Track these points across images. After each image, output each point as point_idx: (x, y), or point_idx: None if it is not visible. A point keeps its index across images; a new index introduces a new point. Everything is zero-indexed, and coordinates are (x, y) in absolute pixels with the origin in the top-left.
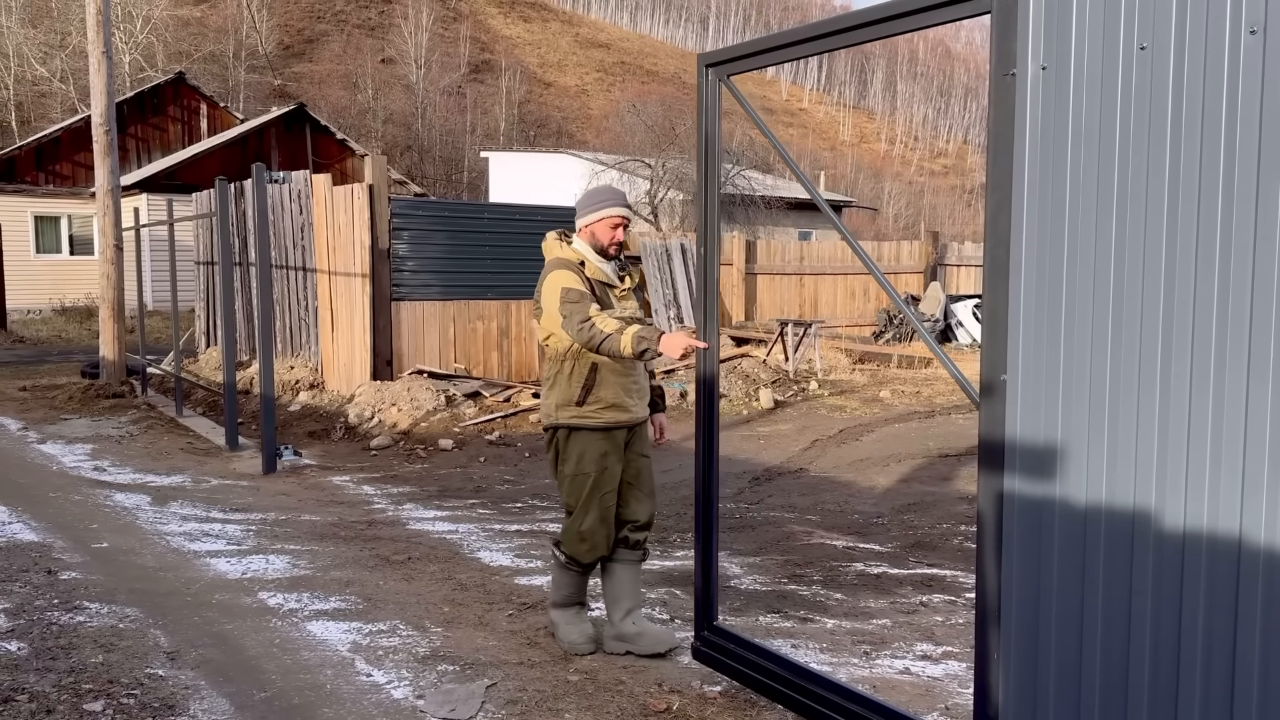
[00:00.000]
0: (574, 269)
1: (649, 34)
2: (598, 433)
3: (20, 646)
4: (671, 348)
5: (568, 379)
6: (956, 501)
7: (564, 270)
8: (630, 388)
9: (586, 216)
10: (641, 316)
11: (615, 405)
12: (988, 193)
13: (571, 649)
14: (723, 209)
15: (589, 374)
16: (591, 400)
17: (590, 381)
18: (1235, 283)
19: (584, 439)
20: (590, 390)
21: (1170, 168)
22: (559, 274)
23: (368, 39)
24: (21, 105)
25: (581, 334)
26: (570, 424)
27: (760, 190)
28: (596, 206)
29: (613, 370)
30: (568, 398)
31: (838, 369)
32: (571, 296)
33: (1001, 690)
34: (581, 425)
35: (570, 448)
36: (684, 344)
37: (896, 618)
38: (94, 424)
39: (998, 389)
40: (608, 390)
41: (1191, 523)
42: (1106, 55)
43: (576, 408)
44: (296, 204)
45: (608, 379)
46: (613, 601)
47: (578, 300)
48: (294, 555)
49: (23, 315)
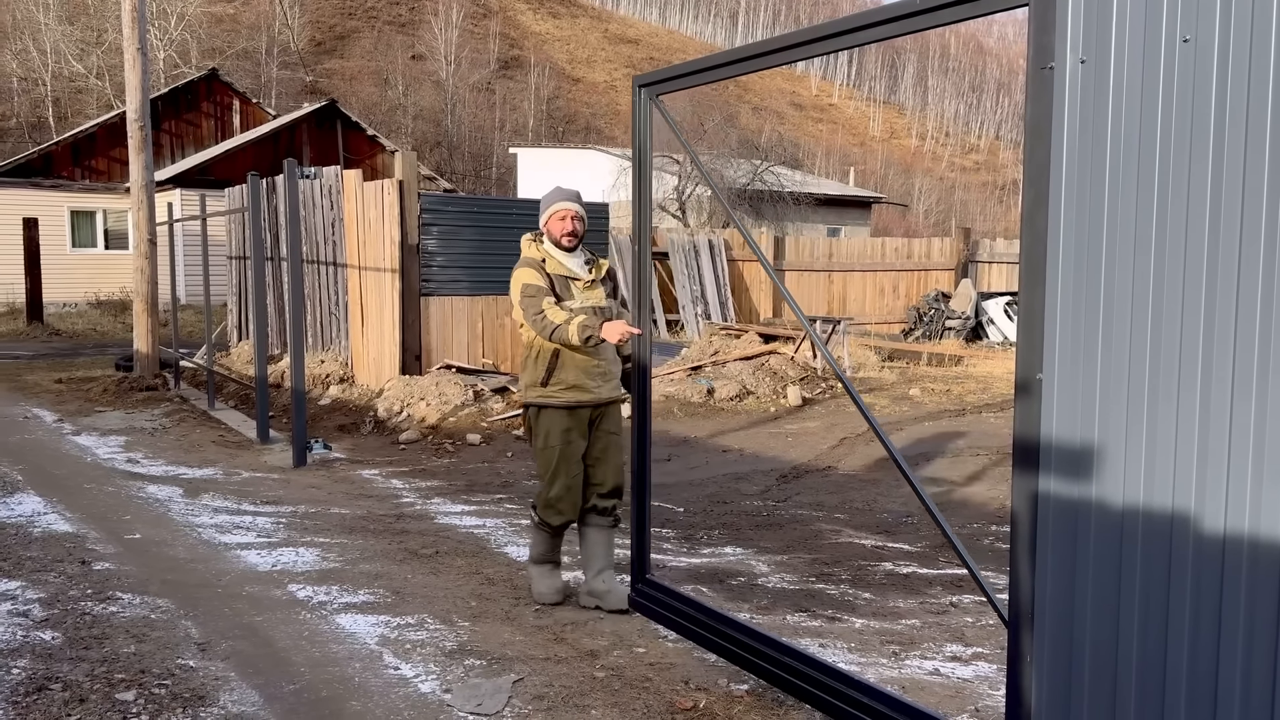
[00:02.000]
0: (536, 266)
1: (678, 29)
2: (561, 410)
3: (54, 636)
4: (610, 333)
5: (534, 362)
6: (987, 501)
7: (526, 268)
8: (593, 371)
9: (542, 216)
10: (605, 306)
11: (576, 386)
12: (1024, 188)
13: (539, 599)
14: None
15: (551, 358)
16: (554, 382)
17: (553, 365)
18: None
19: (550, 416)
20: (552, 373)
21: (1213, 164)
22: (522, 271)
23: (398, 35)
24: (59, 101)
25: (536, 324)
26: (538, 402)
27: (789, 186)
28: (547, 205)
29: (574, 355)
30: (534, 379)
31: (867, 366)
32: (529, 291)
33: (1034, 693)
34: (547, 403)
35: (539, 424)
36: (621, 330)
37: (926, 618)
38: (127, 416)
39: (1033, 388)
40: (569, 373)
41: (1233, 524)
42: (1148, 48)
43: (541, 388)
44: (327, 199)
45: (569, 363)
46: (586, 561)
47: (534, 295)
48: (323, 548)
49: (59, 309)
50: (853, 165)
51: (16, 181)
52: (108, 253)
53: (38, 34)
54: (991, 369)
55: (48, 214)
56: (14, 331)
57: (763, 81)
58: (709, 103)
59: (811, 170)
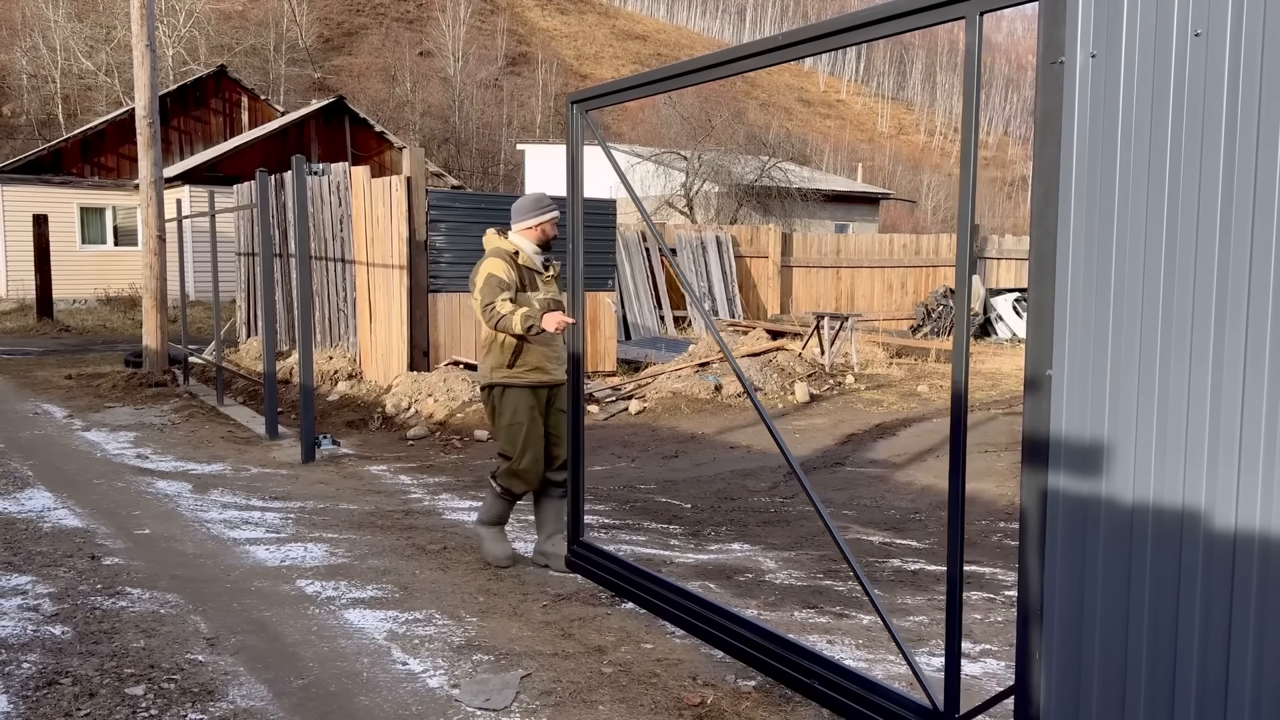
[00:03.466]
0: (507, 258)
1: (686, 26)
2: (526, 389)
3: (64, 630)
4: (549, 323)
5: (500, 347)
6: (996, 498)
7: (496, 259)
8: (550, 355)
9: (538, 217)
10: (560, 300)
11: (538, 368)
12: (1034, 184)
13: (495, 561)
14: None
15: (517, 343)
16: (519, 364)
17: (519, 349)
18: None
19: (516, 395)
20: (518, 356)
21: (1225, 158)
22: (491, 261)
23: (406, 32)
24: (68, 98)
25: (487, 314)
26: (503, 383)
27: (797, 182)
28: (547, 209)
29: (536, 341)
30: (500, 362)
31: (874, 363)
32: (491, 283)
33: (1043, 690)
34: (512, 384)
35: (505, 403)
36: (558, 320)
37: (933, 615)
38: (137, 412)
39: (1043, 384)
40: (532, 356)
41: (1243, 522)
42: (1159, 42)
43: (508, 369)
44: (335, 196)
45: (532, 347)
46: (540, 525)
47: (495, 287)
48: (332, 544)
49: (69, 305)
50: (860, 161)
51: (26, 178)
52: (117, 249)
53: (47, 31)
54: (1000, 365)
55: (57, 211)
56: (24, 328)
57: (770, 77)
58: (716, 98)
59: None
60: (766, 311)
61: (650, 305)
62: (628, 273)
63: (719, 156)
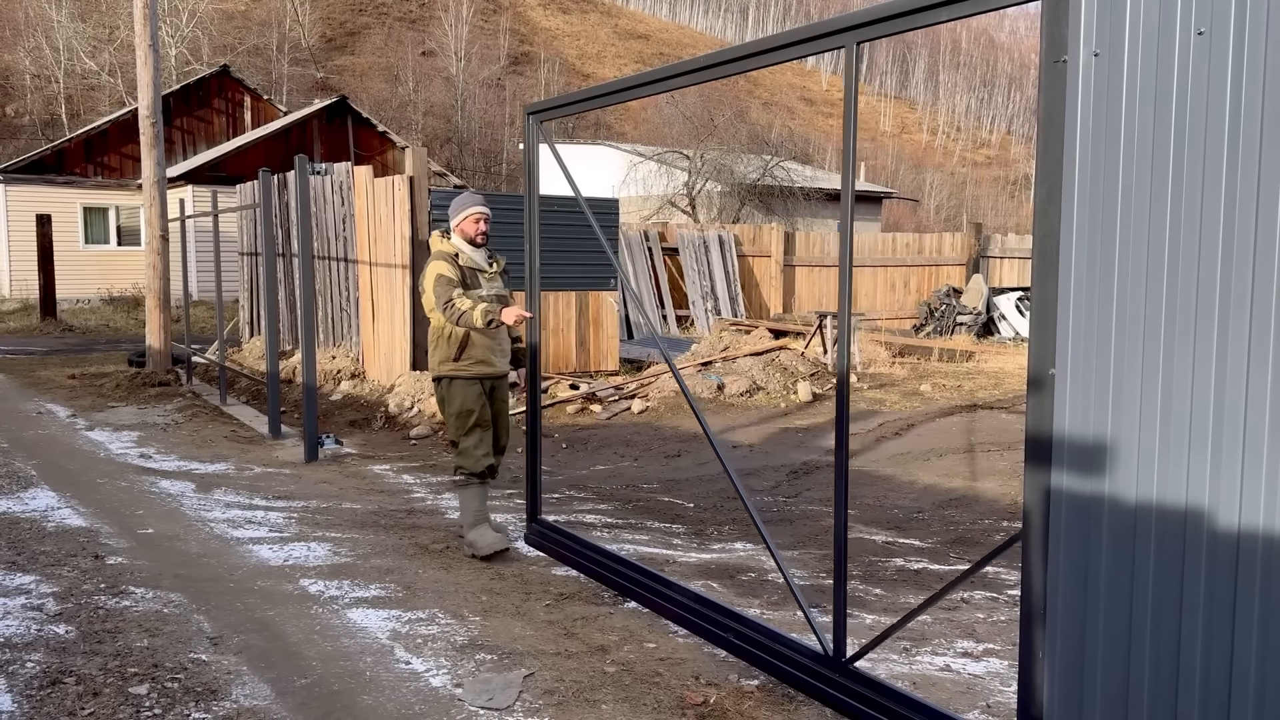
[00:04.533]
0: (449, 260)
1: (689, 25)
2: (472, 380)
3: (68, 630)
4: (508, 317)
5: (447, 341)
6: (999, 497)
7: (441, 261)
8: (494, 349)
9: (458, 217)
10: (505, 295)
11: (482, 361)
12: (1037, 183)
13: (490, 547)
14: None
15: (463, 338)
16: (465, 357)
17: (464, 344)
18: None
19: (462, 385)
20: (464, 350)
21: (1228, 157)
22: (437, 264)
23: (408, 32)
24: (71, 98)
25: (446, 311)
26: (451, 375)
27: (799, 181)
28: (463, 208)
29: (480, 336)
30: (448, 355)
31: (877, 362)
32: (442, 283)
33: (1046, 689)
34: (459, 375)
35: (453, 393)
36: (517, 313)
37: (937, 614)
38: (140, 412)
39: (1046, 383)
40: (477, 350)
41: (1247, 522)
42: (1162, 40)
43: (454, 363)
44: (338, 196)
45: (476, 342)
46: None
47: (447, 285)
48: (335, 543)
49: (72, 305)
50: (863, 160)
51: (30, 178)
52: (120, 249)
53: (50, 31)
54: (1003, 364)
55: (61, 210)
56: (27, 327)
57: (773, 77)
58: (719, 98)
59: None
60: (769, 311)
61: (653, 304)
62: (630, 272)
63: (721, 156)
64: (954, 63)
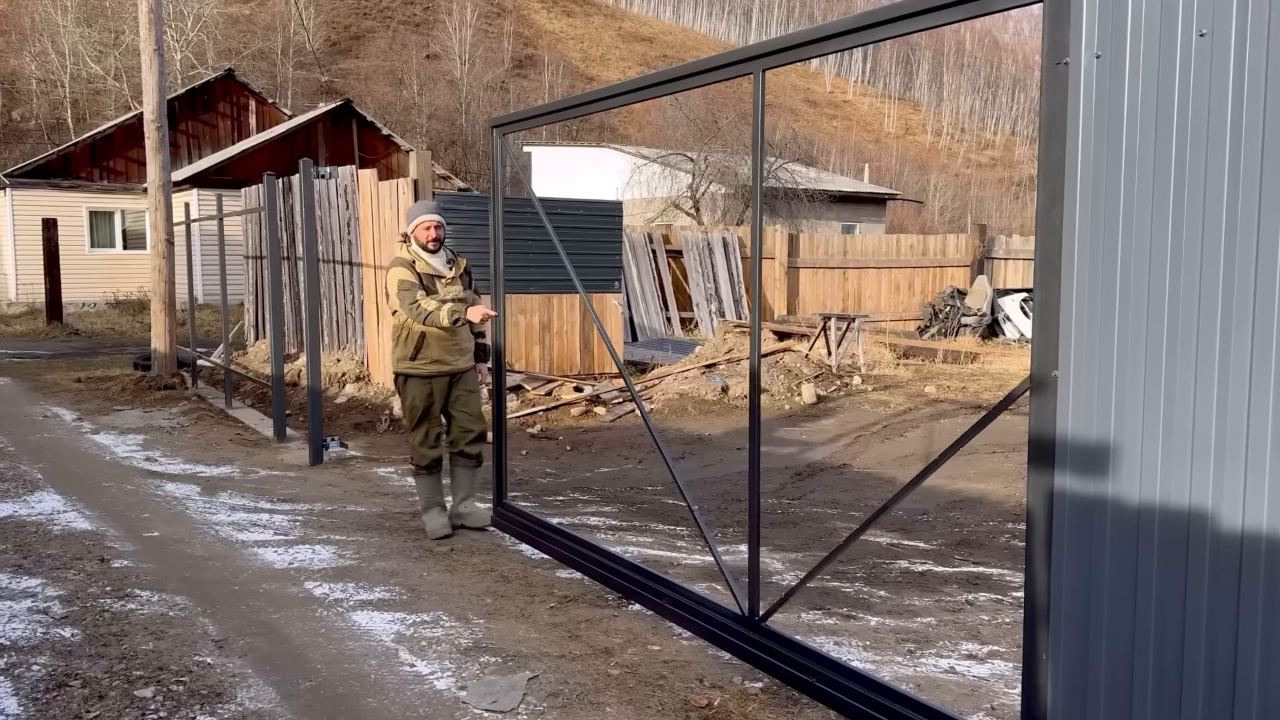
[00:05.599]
0: (408, 266)
1: (692, 27)
2: (425, 378)
3: (74, 633)
4: (474, 315)
5: (404, 341)
6: (1004, 499)
7: (401, 267)
8: (451, 349)
9: (412, 224)
10: (464, 297)
11: (437, 360)
12: (1039, 184)
13: (433, 533)
14: (765, 202)
15: (419, 338)
16: (421, 357)
17: (420, 344)
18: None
19: (415, 383)
20: (420, 350)
21: (1230, 159)
22: (397, 270)
23: (413, 35)
24: (77, 103)
25: (413, 312)
26: (407, 372)
27: (803, 183)
28: (414, 216)
29: (437, 336)
30: (405, 354)
31: (882, 364)
32: (405, 286)
33: (1050, 692)
34: (413, 373)
35: (407, 390)
36: (482, 312)
37: (941, 616)
38: (146, 415)
39: (1049, 385)
40: (432, 350)
41: (1250, 524)
42: (1164, 42)
43: (410, 361)
44: (343, 199)
45: (432, 342)
46: (454, 491)
47: (409, 289)
48: (339, 546)
49: (78, 308)
50: (867, 162)
51: (36, 182)
52: (126, 253)
53: (56, 36)
54: (1007, 366)
55: (66, 214)
56: (34, 331)
57: (777, 78)
58: (723, 100)
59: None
60: (773, 312)
61: (657, 307)
62: (634, 274)
63: (725, 158)
64: (958, 64)
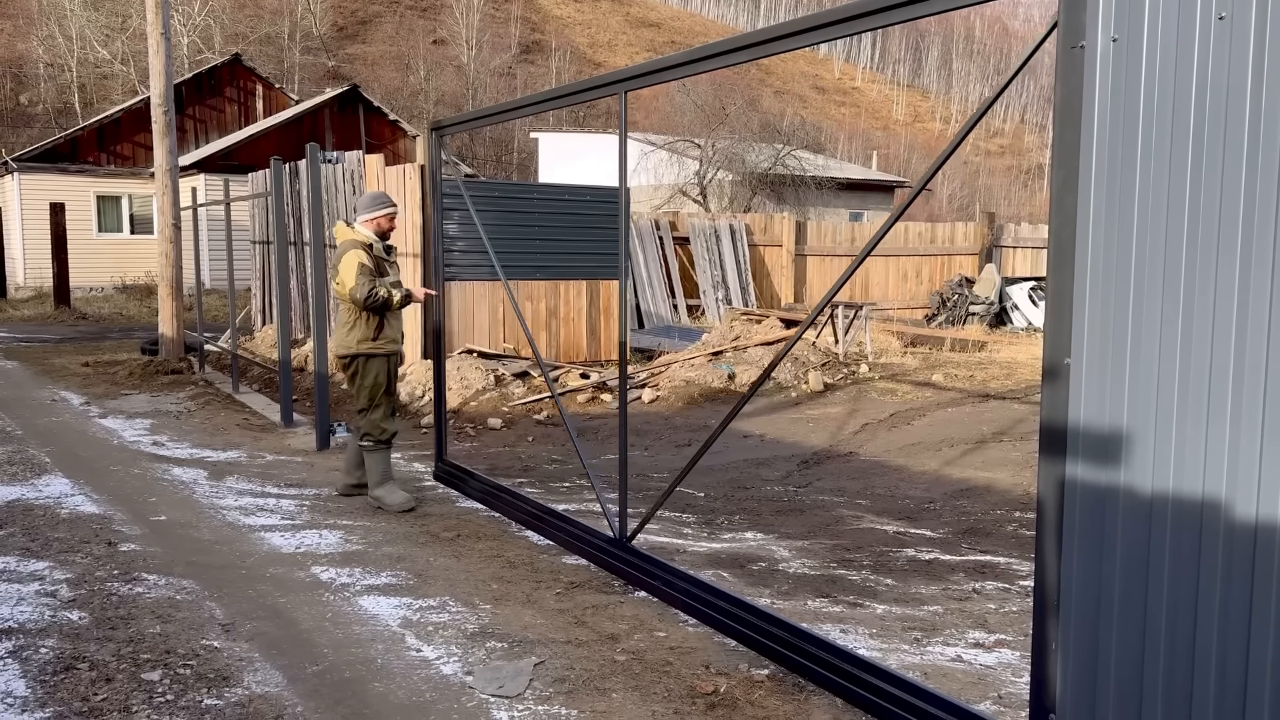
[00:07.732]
0: (364, 249)
1: (700, 13)
2: (384, 357)
3: (81, 616)
4: (419, 294)
5: (365, 323)
6: (1011, 487)
7: (358, 250)
8: (399, 329)
9: (375, 212)
10: (399, 280)
11: (393, 340)
12: (1053, 170)
13: (401, 506)
14: (772, 189)
15: (380, 320)
16: (381, 337)
17: (380, 325)
18: None
19: (377, 362)
20: (380, 331)
21: (1249, 144)
22: (355, 253)
23: (420, 20)
24: (84, 87)
25: (369, 297)
26: (368, 353)
27: (811, 170)
28: (382, 205)
29: (391, 318)
30: (366, 335)
31: (889, 352)
32: (363, 271)
33: (1059, 681)
34: (375, 353)
35: (368, 369)
36: (423, 291)
37: (948, 604)
38: (153, 399)
39: (1061, 373)
40: (390, 330)
41: (1264, 513)
42: (1182, 25)
43: (373, 341)
44: (350, 184)
45: (389, 323)
46: (349, 466)
47: (368, 274)
48: (346, 531)
49: (85, 293)
50: (875, 149)
51: (43, 167)
52: (133, 237)
53: (63, 20)
54: (1015, 354)
55: (74, 199)
56: (41, 315)
57: (785, 65)
58: (730, 85)
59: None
60: (780, 300)
61: (663, 294)
62: (641, 261)
63: (733, 144)
64: (967, 51)
